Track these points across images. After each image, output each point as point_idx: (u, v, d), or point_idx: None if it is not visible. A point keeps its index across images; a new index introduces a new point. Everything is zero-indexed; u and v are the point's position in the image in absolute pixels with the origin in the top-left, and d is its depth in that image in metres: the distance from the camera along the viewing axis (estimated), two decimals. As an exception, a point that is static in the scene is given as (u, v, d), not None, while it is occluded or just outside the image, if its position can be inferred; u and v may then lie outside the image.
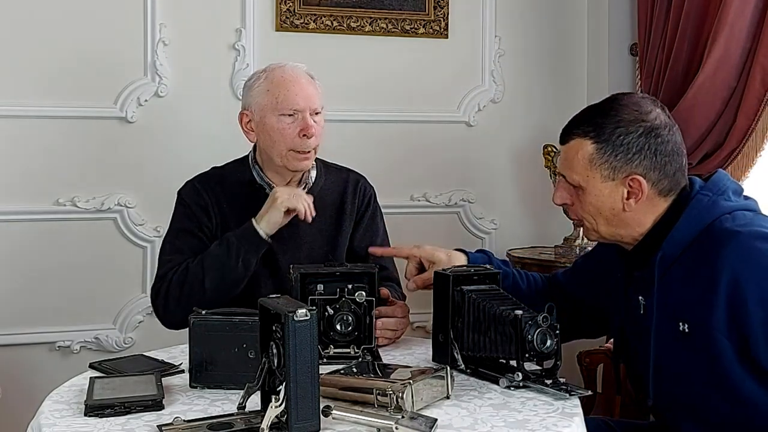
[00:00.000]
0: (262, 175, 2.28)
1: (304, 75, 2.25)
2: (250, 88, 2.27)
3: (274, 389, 1.45)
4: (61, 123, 3.03)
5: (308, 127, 2.18)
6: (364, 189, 2.39)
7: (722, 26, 2.79)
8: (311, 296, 1.88)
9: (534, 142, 3.43)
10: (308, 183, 2.30)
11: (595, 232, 1.81)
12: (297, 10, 3.24)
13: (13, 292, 3.01)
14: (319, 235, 2.29)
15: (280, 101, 2.19)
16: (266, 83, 2.22)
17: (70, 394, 1.68)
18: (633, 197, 1.74)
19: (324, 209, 2.30)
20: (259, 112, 2.22)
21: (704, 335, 1.66)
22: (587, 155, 1.75)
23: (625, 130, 1.73)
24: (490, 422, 1.52)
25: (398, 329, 2.07)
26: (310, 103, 2.20)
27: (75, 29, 3.03)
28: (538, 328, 1.67)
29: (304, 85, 2.22)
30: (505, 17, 3.50)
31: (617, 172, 1.73)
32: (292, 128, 2.18)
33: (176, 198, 2.32)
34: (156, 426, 1.48)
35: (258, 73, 2.28)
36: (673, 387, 1.77)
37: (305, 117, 2.19)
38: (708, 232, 1.69)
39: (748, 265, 1.62)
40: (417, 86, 3.40)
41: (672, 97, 3.05)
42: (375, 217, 2.38)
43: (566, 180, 1.81)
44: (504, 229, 3.54)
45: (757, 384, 1.66)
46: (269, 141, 2.22)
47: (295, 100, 2.19)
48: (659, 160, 1.73)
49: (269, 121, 2.20)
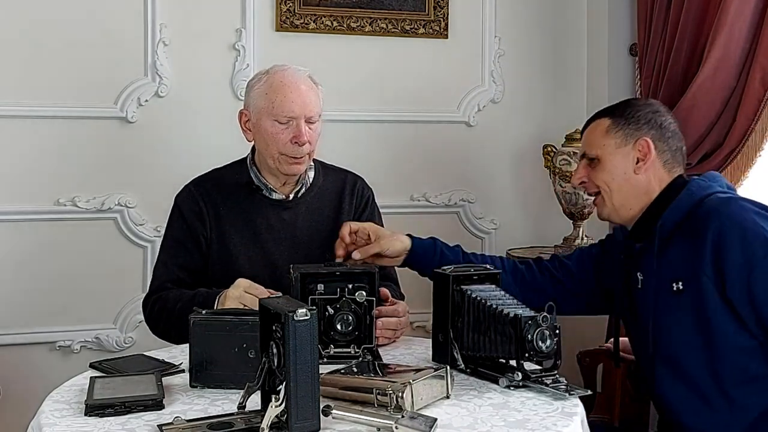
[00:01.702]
0: (259, 176, 2.29)
1: (305, 81, 2.25)
2: (251, 88, 2.28)
3: (274, 389, 1.45)
4: (62, 123, 3.03)
5: (300, 135, 2.18)
6: (362, 190, 2.40)
7: (722, 26, 2.79)
8: (311, 296, 1.88)
9: (534, 142, 3.43)
10: (306, 183, 2.31)
11: (608, 204, 2.06)
12: (297, 11, 3.24)
13: (13, 292, 3.01)
14: (317, 235, 2.30)
15: (276, 106, 2.20)
16: (265, 86, 2.23)
17: (71, 393, 1.69)
18: (642, 162, 2.02)
19: (322, 210, 2.32)
20: (256, 113, 2.24)
21: (694, 286, 1.90)
22: (604, 128, 2.07)
23: (636, 109, 2.07)
24: (489, 422, 1.52)
25: (398, 329, 2.08)
26: (306, 110, 2.20)
27: (75, 29, 3.03)
28: (538, 328, 1.67)
29: (303, 92, 2.22)
30: (505, 17, 3.50)
31: (629, 138, 2.03)
32: (286, 134, 2.19)
33: (173, 203, 2.33)
34: (156, 425, 1.48)
35: (260, 75, 2.29)
36: (668, 347, 1.98)
37: (299, 124, 2.19)
38: (702, 204, 1.94)
39: (731, 220, 1.87)
40: (417, 86, 3.40)
41: (672, 97, 3.05)
42: (373, 218, 2.39)
43: (585, 159, 2.10)
44: (504, 229, 3.54)
45: (735, 328, 1.88)
46: (263, 143, 2.24)
47: (290, 107, 2.19)
48: (664, 134, 2.04)
49: (264, 125, 2.22)
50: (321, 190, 2.34)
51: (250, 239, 2.26)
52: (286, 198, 2.30)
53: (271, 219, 2.28)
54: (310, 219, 2.31)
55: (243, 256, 2.25)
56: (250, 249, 2.26)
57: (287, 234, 2.28)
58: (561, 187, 3.22)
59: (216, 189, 2.30)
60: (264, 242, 2.27)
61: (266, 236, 2.27)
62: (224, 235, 2.26)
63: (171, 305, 2.17)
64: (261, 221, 2.28)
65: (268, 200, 2.29)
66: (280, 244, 2.27)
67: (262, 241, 2.27)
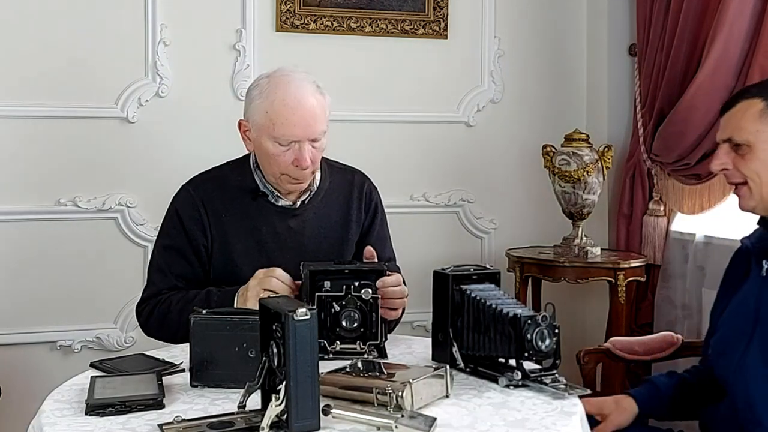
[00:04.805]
0: (264, 182, 2.18)
1: (310, 96, 2.07)
2: (251, 99, 2.12)
3: (275, 388, 1.45)
4: (63, 123, 3.04)
5: (302, 160, 2.06)
6: (370, 193, 2.32)
7: (721, 26, 2.79)
8: (318, 293, 1.89)
9: (533, 142, 3.43)
10: (312, 189, 2.21)
11: (756, 196, 1.89)
12: (297, 11, 3.24)
13: (13, 291, 3.01)
14: (325, 243, 2.22)
15: (277, 128, 2.05)
16: (266, 103, 2.07)
17: (71, 393, 1.68)
18: None
19: (330, 216, 2.24)
20: (256, 129, 2.10)
21: None
22: (757, 111, 1.86)
23: None
24: (489, 421, 1.52)
25: (404, 296, 2.03)
26: (309, 133, 2.06)
27: (76, 30, 3.03)
28: (537, 327, 1.67)
29: (306, 112, 2.05)
30: (505, 18, 3.50)
31: None
32: (287, 156, 2.07)
33: (170, 204, 2.23)
34: (157, 425, 1.48)
35: (261, 82, 2.12)
36: None
37: (301, 147, 2.05)
38: None
39: None
40: (417, 86, 3.41)
41: (671, 97, 3.05)
42: (383, 224, 2.34)
43: (728, 144, 1.90)
44: (503, 228, 3.54)
45: None
46: (264, 161, 2.13)
47: (292, 131, 2.05)
48: None
49: (265, 144, 2.08)
50: (328, 193, 2.24)
51: (255, 248, 2.16)
52: (292, 205, 2.19)
53: (277, 227, 2.18)
54: (317, 226, 2.22)
55: (247, 267, 2.10)
56: (254, 259, 2.13)
57: (294, 243, 2.18)
58: (560, 187, 3.23)
59: (217, 192, 2.19)
60: (270, 252, 2.16)
61: (272, 245, 2.17)
62: (227, 244, 2.16)
63: (179, 306, 2.08)
64: (267, 230, 2.17)
65: (274, 207, 2.18)
66: (287, 253, 2.16)
67: (268, 251, 2.16)
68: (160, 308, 2.14)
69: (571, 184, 3.18)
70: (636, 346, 2.54)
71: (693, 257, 3.10)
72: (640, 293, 3.32)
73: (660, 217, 3.26)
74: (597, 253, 3.22)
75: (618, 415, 2.01)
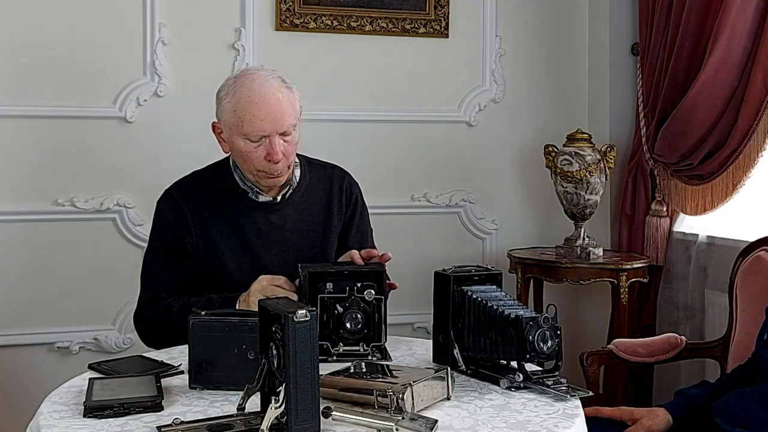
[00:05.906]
0: (244, 180, 2.21)
1: (275, 91, 2.11)
2: (220, 100, 2.16)
3: (274, 390, 1.44)
4: (60, 123, 3.03)
5: (273, 154, 2.09)
6: (350, 187, 2.35)
7: (723, 26, 2.78)
8: (320, 295, 1.88)
9: (535, 141, 3.42)
10: (292, 184, 2.25)
11: None
12: (297, 10, 3.23)
13: (12, 292, 3.00)
14: (307, 237, 2.25)
15: (245, 125, 2.09)
16: (233, 102, 2.11)
17: (69, 395, 1.68)
18: None
19: (311, 210, 2.27)
20: (228, 130, 2.14)
21: None
22: None
23: None
24: (490, 423, 1.51)
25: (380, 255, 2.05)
26: (277, 127, 2.09)
27: (74, 29, 3.02)
28: (539, 329, 1.66)
29: (272, 107, 2.09)
30: (506, 17, 3.49)
31: None
32: (259, 151, 2.10)
33: (155, 209, 2.26)
34: (155, 427, 1.47)
35: (228, 84, 2.16)
36: None
37: (272, 141, 2.08)
38: None
39: None
40: (417, 86, 3.40)
41: (673, 96, 3.04)
42: (363, 216, 2.36)
43: None
44: (505, 229, 3.53)
45: None
46: (240, 160, 2.17)
47: (260, 126, 2.08)
48: None
49: (237, 142, 2.12)
50: (308, 188, 2.28)
51: (238, 245, 2.20)
52: (273, 200, 2.22)
53: (259, 222, 2.21)
54: (299, 220, 2.25)
55: (232, 263, 2.18)
56: (239, 255, 2.19)
57: (277, 237, 2.22)
58: (562, 188, 3.21)
59: (200, 192, 2.22)
60: (253, 247, 2.20)
61: (255, 241, 2.20)
62: (211, 243, 2.19)
63: (180, 315, 2.04)
64: (249, 225, 2.21)
65: (255, 203, 2.21)
66: (270, 248, 2.20)
67: (251, 246, 2.20)
68: (160, 317, 2.15)
69: (573, 184, 3.17)
70: (639, 347, 2.53)
71: (696, 258, 3.09)
72: (643, 294, 3.31)
73: (662, 218, 3.25)
74: (599, 254, 3.21)
75: (649, 419, 2.05)
